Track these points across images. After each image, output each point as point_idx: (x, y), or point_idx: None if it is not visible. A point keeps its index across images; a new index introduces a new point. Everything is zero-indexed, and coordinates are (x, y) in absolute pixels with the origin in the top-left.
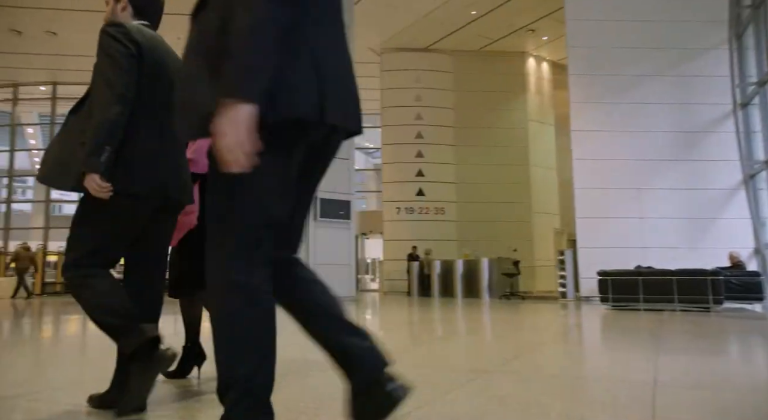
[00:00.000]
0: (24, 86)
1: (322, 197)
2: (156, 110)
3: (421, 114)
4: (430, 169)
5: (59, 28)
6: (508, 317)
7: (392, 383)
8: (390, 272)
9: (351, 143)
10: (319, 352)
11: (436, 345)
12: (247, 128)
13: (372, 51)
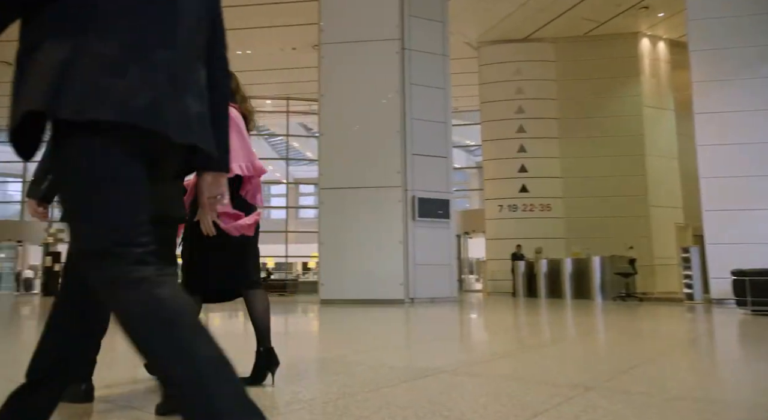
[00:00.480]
0: None
1: (420, 196)
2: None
3: (522, 107)
4: (533, 164)
5: None
6: (623, 321)
7: None
8: (493, 272)
9: (447, 141)
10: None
11: (535, 353)
12: None
13: (469, 46)
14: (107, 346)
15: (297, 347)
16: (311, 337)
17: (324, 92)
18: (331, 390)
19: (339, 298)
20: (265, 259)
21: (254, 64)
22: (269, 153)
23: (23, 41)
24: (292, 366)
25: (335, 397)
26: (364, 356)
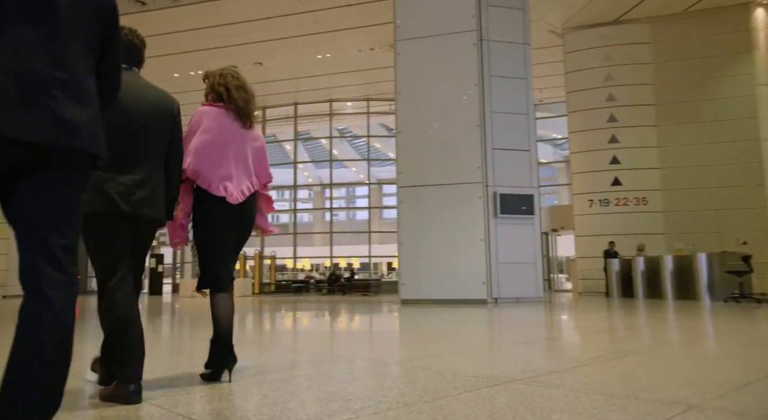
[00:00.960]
0: None
1: (502, 192)
2: (111, 142)
3: (613, 94)
4: (627, 155)
5: (264, 59)
6: (737, 326)
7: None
8: (583, 271)
9: (530, 133)
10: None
11: (627, 361)
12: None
13: (553, 33)
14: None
15: (364, 348)
16: (382, 338)
17: (400, 90)
18: (385, 398)
19: (419, 298)
20: (350, 259)
21: (334, 66)
22: (352, 154)
23: None
24: (354, 369)
25: (387, 407)
26: (433, 360)
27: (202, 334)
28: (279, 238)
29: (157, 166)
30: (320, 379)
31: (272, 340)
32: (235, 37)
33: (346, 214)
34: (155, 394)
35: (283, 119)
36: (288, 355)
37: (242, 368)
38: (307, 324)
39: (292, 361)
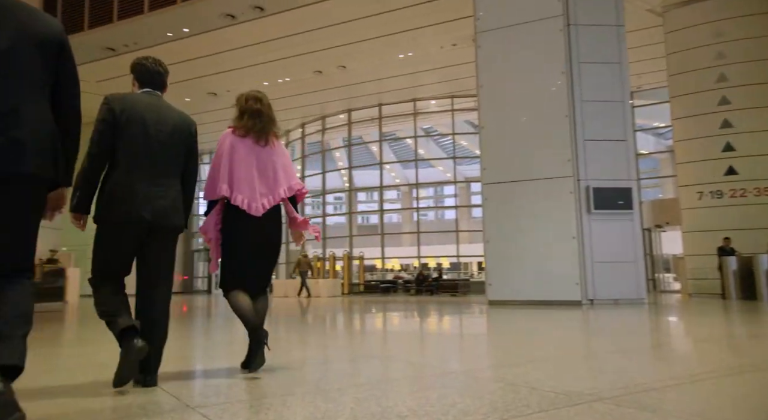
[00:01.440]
0: (329, 117)
1: (596, 186)
2: (134, 157)
3: (725, 74)
4: (743, 141)
5: (347, 62)
6: None
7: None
8: (694, 270)
9: (626, 122)
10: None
11: (746, 378)
12: None
13: (651, 12)
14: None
15: (436, 354)
16: (458, 342)
17: (483, 83)
18: (445, 416)
19: (508, 299)
20: (439, 259)
21: (416, 65)
22: (438, 153)
23: None
24: (420, 378)
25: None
26: (509, 370)
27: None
28: (368, 239)
29: (176, 178)
30: (379, 389)
31: (344, 341)
32: (319, 42)
33: (435, 213)
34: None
35: (368, 121)
36: (352, 357)
37: (291, 370)
38: (383, 325)
39: (354, 366)
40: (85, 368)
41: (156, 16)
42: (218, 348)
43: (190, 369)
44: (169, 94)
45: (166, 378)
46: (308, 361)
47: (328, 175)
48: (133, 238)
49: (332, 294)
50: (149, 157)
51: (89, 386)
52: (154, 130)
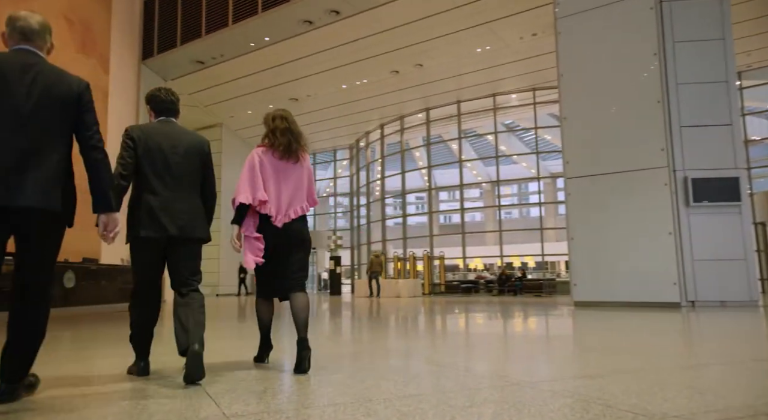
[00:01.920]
0: (407, 116)
1: (695, 177)
2: (155, 180)
3: None
4: None
5: (424, 60)
6: None
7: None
8: None
9: (732, 104)
10: None
11: None
12: None
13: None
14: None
15: (504, 361)
16: (533, 348)
17: (563, 72)
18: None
19: (596, 300)
20: (524, 257)
21: (495, 59)
22: (520, 148)
23: None
24: (479, 389)
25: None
26: (583, 383)
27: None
28: (451, 238)
29: (196, 193)
30: (429, 402)
31: (407, 344)
32: (395, 41)
33: (519, 211)
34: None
35: (447, 118)
36: (409, 364)
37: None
38: (452, 328)
39: (410, 374)
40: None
41: (239, 28)
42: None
43: (242, 371)
44: (254, 102)
45: (212, 381)
46: (364, 366)
47: (409, 175)
48: (159, 251)
49: (413, 294)
50: (167, 178)
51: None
52: (170, 152)
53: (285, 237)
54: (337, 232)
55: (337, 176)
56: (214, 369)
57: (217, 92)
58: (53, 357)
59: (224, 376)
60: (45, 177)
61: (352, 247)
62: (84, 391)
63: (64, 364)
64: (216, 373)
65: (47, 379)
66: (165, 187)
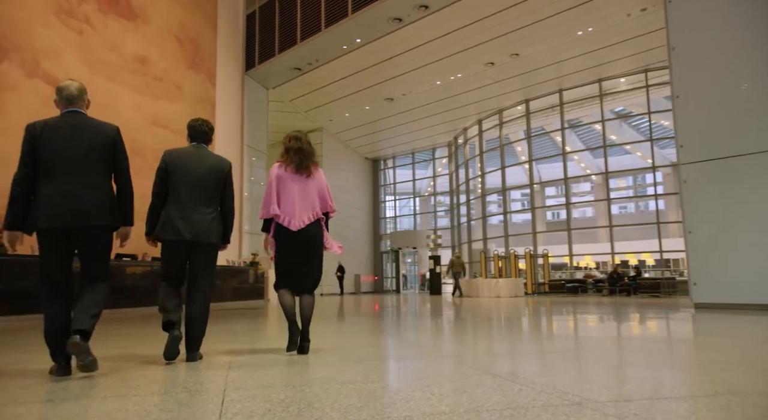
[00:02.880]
0: (506, 110)
1: None
2: (179, 194)
3: None
4: None
5: (520, 49)
6: None
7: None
8: None
9: None
10: None
11: None
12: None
13: None
14: None
15: (585, 374)
16: (626, 358)
17: (675, 44)
18: None
19: (719, 302)
20: (641, 255)
21: (599, 40)
22: (634, 137)
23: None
24: (521, 409)
25: None
26: (669, 406)
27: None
28: (559, 236)
29: (214, 206)
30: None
31: (481, 349)
32: (487, 32)
33: (635, 204)
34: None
35: (549, 109)
36: (462, 370)
37: None
38: (536, 330)
39: (455, 383)
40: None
41: (331, 32)
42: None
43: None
44: (351, 104)
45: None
46: (405, 373)
47: (512, 171)
48: (180, 252)
49: (514, 294)
50: (190, 193)
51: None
52: (194, 172)
53: (299, 239)
54: (437, 231)
55: (437, 175)
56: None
57: (315, 97)
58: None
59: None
60: (101, 203)
61: (453, 246)
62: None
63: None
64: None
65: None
66: (184, 200)
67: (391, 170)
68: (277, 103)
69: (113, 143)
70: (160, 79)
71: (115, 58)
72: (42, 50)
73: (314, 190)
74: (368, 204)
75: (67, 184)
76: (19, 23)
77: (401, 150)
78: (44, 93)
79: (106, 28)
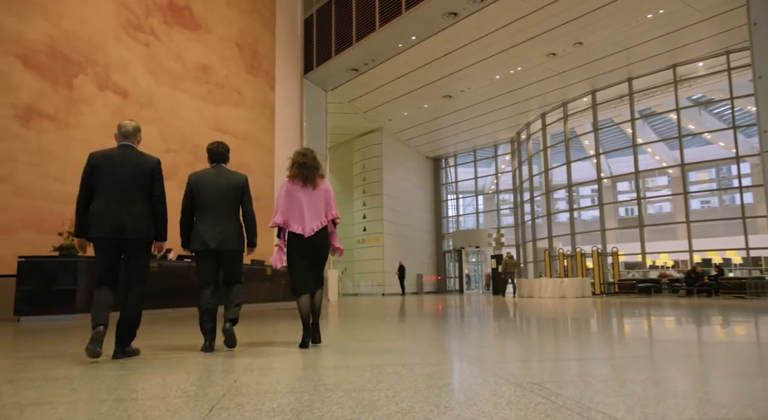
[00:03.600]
0: (571, 102)
1: None
2: (204, 210)
3: None
4: None
5: (584, 37)
6: None
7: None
8: None
9: None
10: None
11: None
12: None
13: None
14: None
15: (608, 387)
16: (695, 369)
17: (757, 19)
18: None
19: None
20: (725, 253)
21: (672, 23)
22: (714, 124)
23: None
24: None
25: None
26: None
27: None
28: (632, 233)
29: (235, 217)
30: None
31: (509, 356)
32: (548, 21)
33: (719, 198)
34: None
35: (617, 99)
36: (485, 380)
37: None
38: (577, 337)
39: (471, 393)
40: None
41: (386, 30)
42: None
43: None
44: (409, 103)
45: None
46: (418, 383)
47: (580, 166)
48: (210, 259)
49: (580, 294)
50: (212, 209)
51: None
52: (214, 189)
53: (309, 245)
54: (501, 229)
55: (500, 172)
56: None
57: (374, 97)
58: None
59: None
60: (144, 219)
61: (517, 244)
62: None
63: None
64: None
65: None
66: (208, 215)
67: (452, 168)
68: (336, 105)
69: (152, 173)
70: (221, 86)
71: (179, 68)
72: (112, 63)
73: (321, 200)
74: (430, 203)
75: (112, 204)
76: (93, 40)
77: (462, 148)
78: (114, 104)
79: (171, 39)
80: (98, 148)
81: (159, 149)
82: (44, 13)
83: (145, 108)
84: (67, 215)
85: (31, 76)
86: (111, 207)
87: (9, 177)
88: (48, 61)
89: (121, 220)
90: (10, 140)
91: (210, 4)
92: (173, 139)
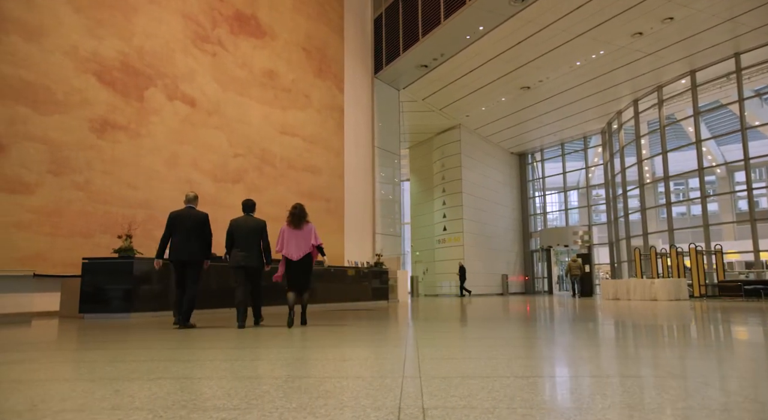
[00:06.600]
0: (666, 85)
1: None
2: (238, 242)
3: None
4: None
5: (676, 11)
6: None
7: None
8: None
9: None
10: None
11: None
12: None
13: None
14: None
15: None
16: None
17: None
18: None
19: None
20: None
21: (737, 6)
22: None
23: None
24: None
25: None
26: None
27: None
28: (748, 229)
29: (257, 248)
30: None
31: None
32: (615, 5)
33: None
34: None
35: (723, 78)
36: (496, 381)
37: None
38: (631, 346)
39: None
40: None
41: (452, 23)
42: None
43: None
44: (485, 97)
45: None
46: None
47: (682, 155)
48: (242, 272)
49: (674, 297)
50: (243, 242)
51: None
52: (245, 230)
53: (297, 265)
54: (593, 226)
55: (590, 165)
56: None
57: (448, 93)
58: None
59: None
60: (198, 249)
61: (611, 242)
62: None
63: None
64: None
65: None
66: (240, 245)
67: (539, 164)
68: (410, 103)
69: (204, 223)
70: (288, 90)
71: (245, 75)
72: (180, 75)
73: (306, 237)
74: (515, 201)
75: (183, 240)
76: (162, 53)
77: (549, 141)
78: (183, 112)
79: (238, 48)
80: (166, 155)
81: (227, 155)
82: (118, 32)
83: (213, 115)
84: (138, 219)
85: (105, 91)
86: (181, 242)
87: (86, 185)
88: (121, 76)
89: (187, 249)
90: (87, 151)
91: (276, 12)
92: (240, 144)
